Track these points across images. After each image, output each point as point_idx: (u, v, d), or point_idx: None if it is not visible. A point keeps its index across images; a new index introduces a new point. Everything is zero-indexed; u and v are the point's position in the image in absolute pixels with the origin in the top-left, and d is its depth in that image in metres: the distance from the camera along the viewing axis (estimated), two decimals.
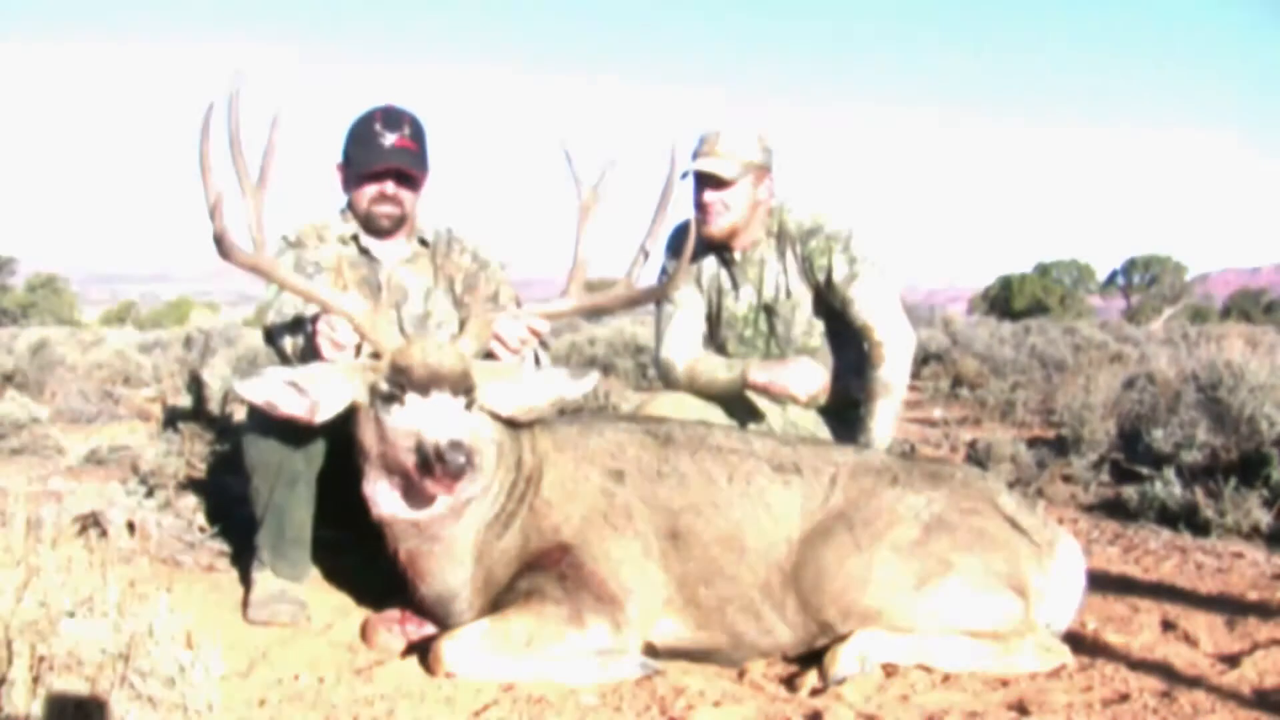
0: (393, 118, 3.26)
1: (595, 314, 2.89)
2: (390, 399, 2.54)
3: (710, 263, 3.74)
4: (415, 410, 2.51)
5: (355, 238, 3.35)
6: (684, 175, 3.55)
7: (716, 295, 3.76)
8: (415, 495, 2.61)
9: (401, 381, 2.53)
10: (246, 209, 2.70)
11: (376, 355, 2.65)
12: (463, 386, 2.56)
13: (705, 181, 3.50)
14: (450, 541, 2.68)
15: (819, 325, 3.67)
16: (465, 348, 2.67)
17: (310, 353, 2.82)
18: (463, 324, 2.78)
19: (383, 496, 2.65)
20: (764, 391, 3.51)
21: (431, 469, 2.44)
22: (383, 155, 3.21)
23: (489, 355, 2.85)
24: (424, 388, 2.51)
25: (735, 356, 3.71)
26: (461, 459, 2.41)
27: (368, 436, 2.62)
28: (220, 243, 2.64)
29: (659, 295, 2.93)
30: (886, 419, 3.49)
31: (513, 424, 2.77)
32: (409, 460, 2.50)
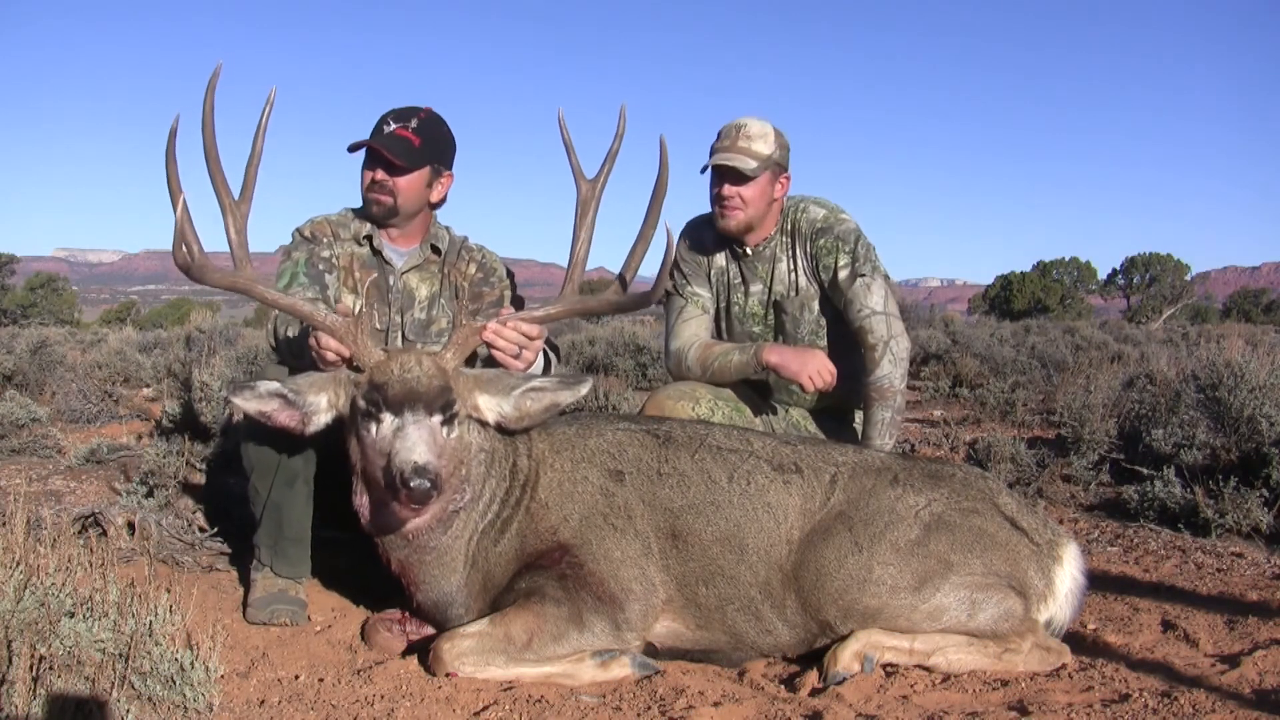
0: (406, 111, 3.29)
1: (586, 317, 2.83)
2: (368, 415, 2.53)
3: (720, 258, 3.76)
4: (388, 430, 2.49)
5: (369, 238, 3.36)
6: (704, 170, 3.56)
7: (726, 291, 3.77)
8: (392, 511, 2.60)
9: (377, 399, 2.51)
10: (226, 226, 2.69)
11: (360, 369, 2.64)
12: (439, 403, 2.52)
13: (724, 175, 3.51)
14: (440, 551, 2.68)
15: (825, 326, 3.68)
16: (448, 360, 2.64)
17: (309, 365, 2.80)
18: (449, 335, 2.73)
19: (369, 509, 2.64)
20: (775, 371, 3.54)
21: (397, 492, 2.42)
22: (373, 138, 3.23)
23: (492, 362, 2.83)
24: (398, 406, 2.49)
25: None
26: (426, 484, 2.38)
27: (353, 449, 2.62)
28: (188, 272, 2.63)
29: (647, 301, 2.89)
30: (886, 426, 3.49)
31: (506, 431, 2.75)
32: (382, 479, 2.49)
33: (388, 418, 2.49)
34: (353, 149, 3.26)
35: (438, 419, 2.52)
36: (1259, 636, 2.82)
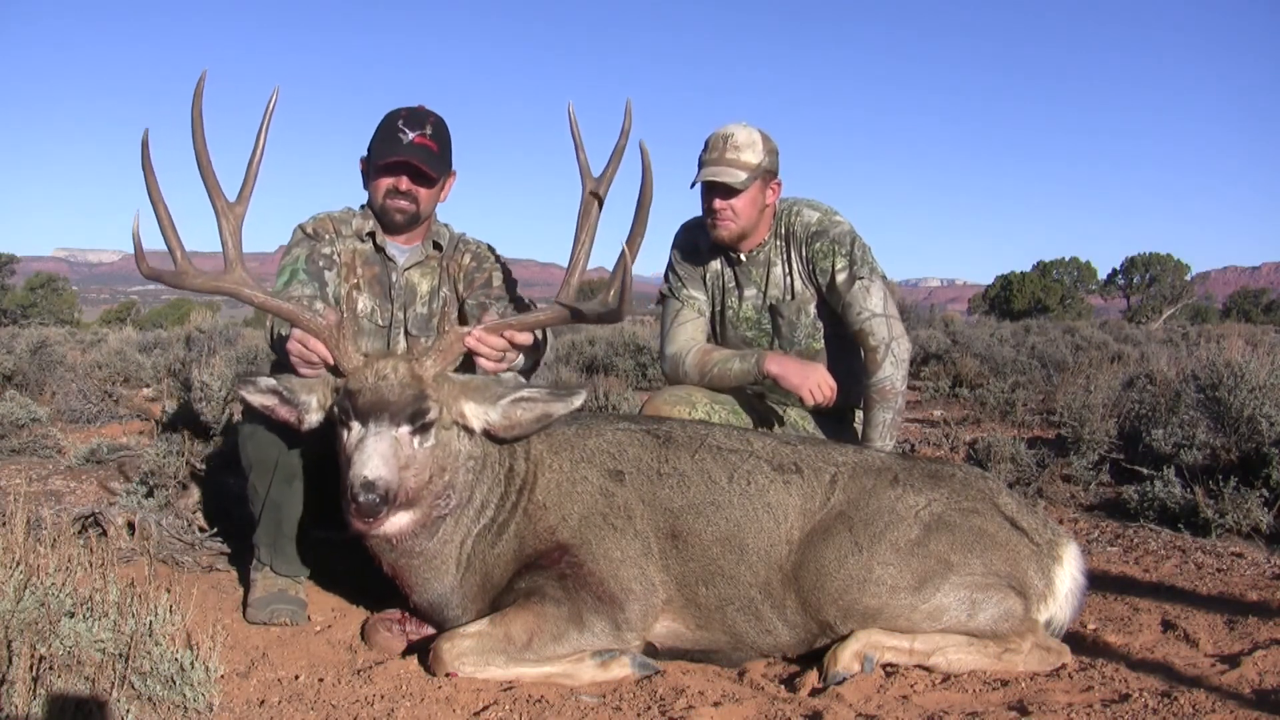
0: (416, 117, 3.29)
1: (575, 323, 2.76)
2: (341, 422, 2.54)
3: (715, 262, 3.75)
4: (354, 439, 2.50)
5: (373, 235, 3.37)
6: (693, 184, 3.55)
7: (721, 295, 3.76)
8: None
9: (348, 406, 2.51)
10: (220, 229, 2.68)
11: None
12: (408, 413, 2.50)
13: (714, 189, 3.50)
14: (429, 555, 2.67)
15: (822, 328, 3.68)
16: (427, 368, 2.61)
17: (290, 366, 2.79)
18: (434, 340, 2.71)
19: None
20: (775, 381, 3.52)
21: (348, 504, 2.43)
22: (399, 149, 3.23)
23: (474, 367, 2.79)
24: (364, 416, 2.49)
25: None
26: (374, 499, 2.38)
27: (338, 452, 2.61)
28: (161, 279, 2.63)
29: (619, 316, 2.80)
30: (887, 428, 3.48)
31: (497, 439, 2.71)
32: (343, 487, 2.49)
33: (355, 426, 2.51)
34: (383, 165, 3.25)
35: (405, 429, 2.51)
36: (1259, 636, 2.82)
